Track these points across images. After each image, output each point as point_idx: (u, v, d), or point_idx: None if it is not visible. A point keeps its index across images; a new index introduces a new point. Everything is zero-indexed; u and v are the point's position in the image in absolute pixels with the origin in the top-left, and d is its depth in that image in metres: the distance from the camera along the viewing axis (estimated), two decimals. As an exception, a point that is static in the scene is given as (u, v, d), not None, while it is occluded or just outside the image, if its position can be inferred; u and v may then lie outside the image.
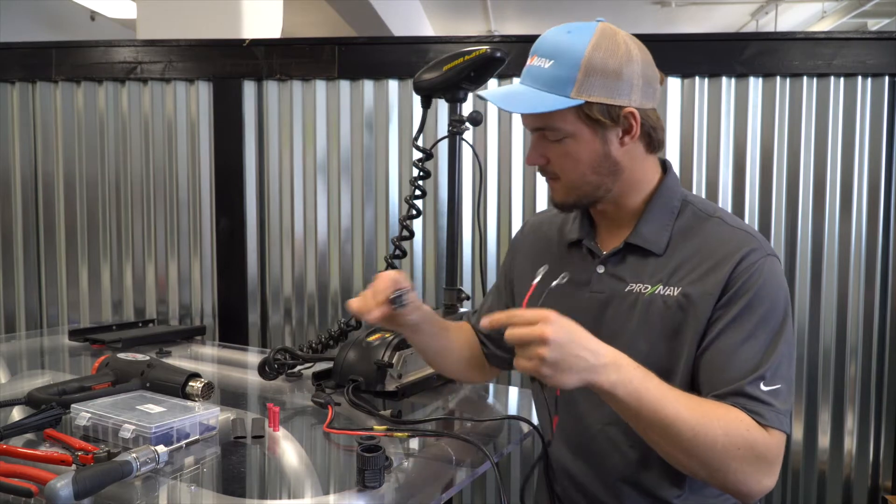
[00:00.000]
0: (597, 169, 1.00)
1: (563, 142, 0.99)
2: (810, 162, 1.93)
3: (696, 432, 0.87)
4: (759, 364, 0.92)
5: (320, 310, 2.15)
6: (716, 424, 0.88)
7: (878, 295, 1.92)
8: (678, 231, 1.03)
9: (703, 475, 0.90)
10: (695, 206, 1.05)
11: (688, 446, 0.87)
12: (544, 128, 1.00)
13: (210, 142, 2.17)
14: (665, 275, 1.01)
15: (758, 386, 0.91)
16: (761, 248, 0.98)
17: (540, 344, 0.82)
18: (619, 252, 1.05)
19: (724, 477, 0.89)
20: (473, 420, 1.27)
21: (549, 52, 0.98)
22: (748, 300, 0.94)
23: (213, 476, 0.99)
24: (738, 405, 0.90)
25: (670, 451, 0.89)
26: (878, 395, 1.94)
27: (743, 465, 0.88)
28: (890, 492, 1.95)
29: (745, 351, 0.93)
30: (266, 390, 1.45)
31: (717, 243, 0.99)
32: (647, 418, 0.87)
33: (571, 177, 1.01)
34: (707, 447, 0.87)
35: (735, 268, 0.96)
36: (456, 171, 1.64)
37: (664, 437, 0.88)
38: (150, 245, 2.21)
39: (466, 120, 1.57)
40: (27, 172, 2.25)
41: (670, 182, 1.07)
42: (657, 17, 7.21)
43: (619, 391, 0.85)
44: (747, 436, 0.88)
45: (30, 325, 2.27)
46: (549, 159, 1.02)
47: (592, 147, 0.99)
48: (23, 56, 2.22)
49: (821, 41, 1.89)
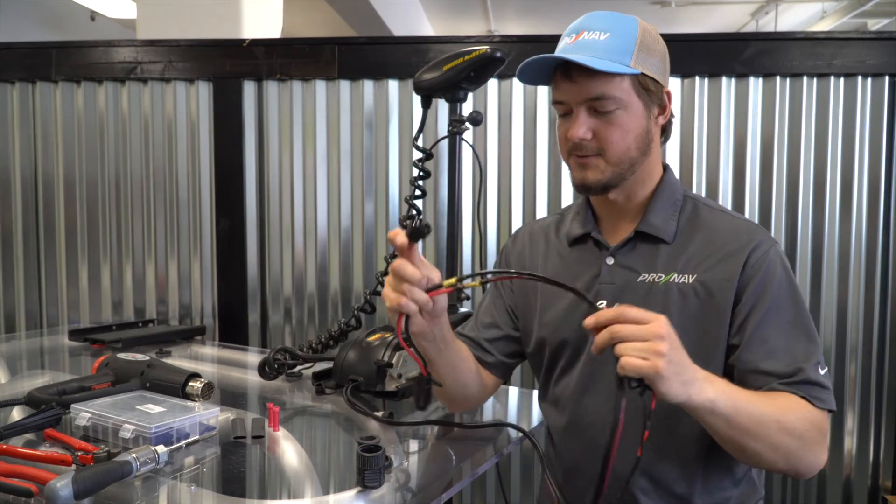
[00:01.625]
0: (639, 143, 1.03)
1: (615, 113, 1.00)
2: (810, 162, 1.93)
3: (780, 425, 0.90)
4: (811, 349, 0.97)
5: (320, 310, 2.15)
6: (791, 416, 0.91)
7: (878, 295, 1.92)
8: (684, 222, 1.06)
9: (782, 465, 0.92)
10: (696, 201, 1.09)
11: (775, 440, 0.89)
12: (600, 97, 0.99)
13: (210, 142, 2.17)
14: (678, 264, 1.03)
15: (818, 371, 0.96)
16: (768, 237, 1.03)
17: (658, 340, 0.79)
18: (628, 242, 1.07)
19: (798, 461, 0.92)
20: (465, 426, 1.22)
21: (603, 26, 1.01)
22: (777, 289, 0.99)
23: (213, 476, 0.99)
24: (801, 391, 0.94)
25: (758, 448, 0.90)
26: (878, 395, 1.94)
27: (814, 447, 0.93)
28: (890, 492, 1.95)
29: (794, 337, 0.97)
30: (266, 390, 1.45)
31: (725, 233, 1.03)
32: (741, 424, 0.88)
33: (618, 150, 1.01)
34: (789, 436, 0.90)
35: (749, 256, 1.00)
36: (456, 171, 1.64)
37: (755, 437, 0.89)
38: (150, 245, 2.21)
39: (466, 120, 1.57)
40: (27, 172, 2.25)
41: (671, 178, 1.11)
42: (657, 17, 7.20)
43: (718, 405, 0.85)
44: (812, 419, 0.93)
45: (30, 325, 2.27)
46: (594, 133, 1.01)
47: (640, 120, 1.02)
48: (23, 56, 2.22)
49: (821, 41, 1.89)
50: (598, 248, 1.10)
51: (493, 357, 1.18)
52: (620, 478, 1.04)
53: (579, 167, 1.04)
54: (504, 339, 1.19)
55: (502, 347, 1.19)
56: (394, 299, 0.89)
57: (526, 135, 2.03)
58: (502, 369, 1.20)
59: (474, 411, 1.37)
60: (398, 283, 0.89)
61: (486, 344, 1.18)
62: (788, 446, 0.90)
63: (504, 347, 1.19)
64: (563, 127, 1.05)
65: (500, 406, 1.47)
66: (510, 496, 2.07)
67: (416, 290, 0.88)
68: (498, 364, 1.19)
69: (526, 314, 1.18)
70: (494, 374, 1.19)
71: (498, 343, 1.19)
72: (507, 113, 2.03)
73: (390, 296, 0.90)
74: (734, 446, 0.91)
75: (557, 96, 1.04)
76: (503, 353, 1.19)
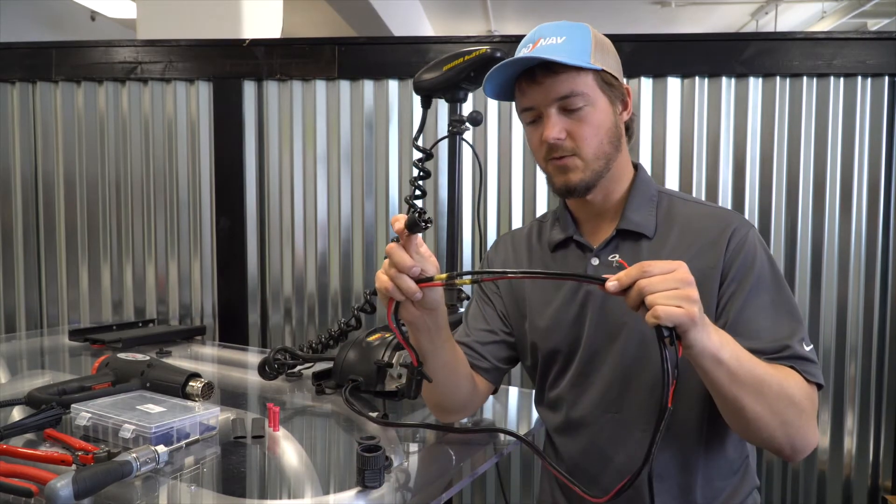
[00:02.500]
0: (611, 138, 1.05)
1: (583, 110, 1.02)
2: (810, 162, 1.93)
3: (781, 386, 0.90)
4: (795, 326, 0.98)
5: (320, 310, 2.15)
6: (791, 382, 0.92)
7: (878, 295, 1.92)
8: (662, 217, 1.08)
9: (780, 437, 0.91)
10: (671, 195, 1.11)
11: (775, 405, 0.89)
12: (569, 94, 1.01)
13: (210, 142, 2.17)
14: (661, 257, 1.03)
15: (803, 346, 0.96)
16: (744, 221, 1.05)
17: (688, 286, 0.79)
18: (611, 241, 1.08)
19: (796, 432, 0.91)
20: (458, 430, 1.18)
21: (557, 32, 1.03)
22: (759, 270, 1.00)
23: (213, 476, 0.99)
24: (790, 364, 0.94)
25: (759, 411, 0.89)
26: (878, 395, 1.94)
27: (811, 422, 0.93)
28: (890, 492, 1.95)
29: (778, 316, 0.98)
30: (266, 390, 1.45)
31: (702, 221, 1.05)
32: (743, 379, 0.87)
33: (592, 146, 1.03)
34: (788, 402, 0.90)
35: (729, 241, 1.01)
36: (456, 171, 1.64)
37: (756, 397, 0.88)
38: (150, 245, 2.21)
39: (466, 120, 1.57)
40: (27, 172, 2.25)
41: (645, 176, 1.13)
42: (657, 17, 7.20)
43: (724, 354, 0.85)
44: (806, 389, 0.93)
45: (30, 325, 2.27)
46: (567, 133, 1.03)
47: (607, 115, 1.04)
48: (23, 56, 2.22)
49: (821, 41, 1.89)
50: (581, 250, 1.11)
51: (487, 362, 1.17)
52: (623, 473, 1.04)
53: (559, 171, 1.06)
54: (499, 344, 1.19)
55: (496, 352, 1.18)
56: (382, 283, 0.91)
57: (526, 135, 2.03)
58: (495, 375, 1.19)
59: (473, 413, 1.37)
60: (389, 268, 0.90)
61: (480, 348, 1.17)
62: (787, 414, 0.90)
63: (498, 352, 1.19)
64: (535, 133, 1.07)
65: (501, 406, 1.47)
66: (510, 496, 2.07)
67: (405, 279, 0.89)
68: (492, 369, 1.18)
69: (517, 320, 1.18)
70: (487, 380, 1.18)
71: (492, 347, 1.18)
72: (507, 113, 2.04)
73: (381, 278, 0.91)
74: (734, 407, 0.89)
75: (525, 103, 1.06)
76: (497, 357, 1.18)
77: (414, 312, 0.94)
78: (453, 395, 1.11)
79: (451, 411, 1.16)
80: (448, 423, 1.18)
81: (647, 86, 1.97)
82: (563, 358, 1.12)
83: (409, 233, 0.89)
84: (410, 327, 0.97)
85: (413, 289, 0.89)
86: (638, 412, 1.04)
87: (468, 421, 1.27)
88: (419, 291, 0.90)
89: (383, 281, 0.90)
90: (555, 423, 1.15)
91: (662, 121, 1.96)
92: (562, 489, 1.16)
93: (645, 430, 1.03)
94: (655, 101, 1.97)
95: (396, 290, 0.90)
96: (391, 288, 0.90)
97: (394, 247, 0.90)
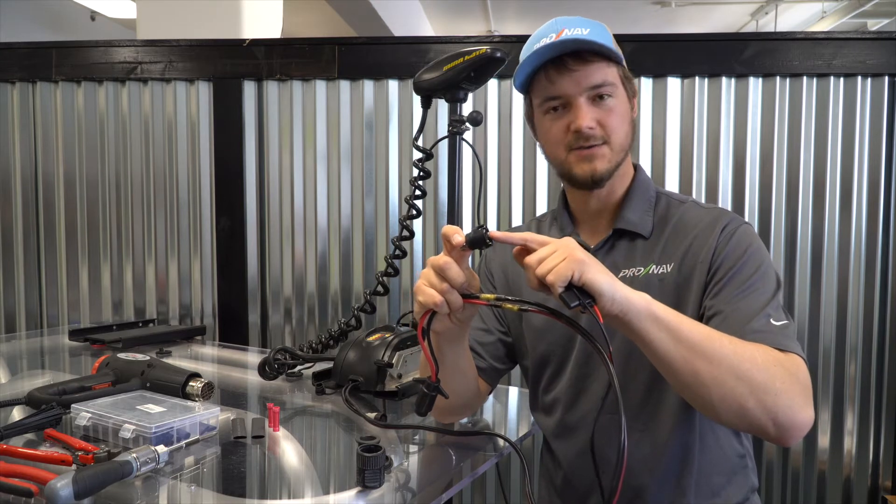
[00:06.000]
0: (630, 131, 1.07)
1: (609, 101, 1.04)
2: (810, 162, 1.93)
3: (735, 347, 0.85)
4: (764, 306, 0.94)
5: (320, 310, 2.15)
6: (749, 345, 0.87)
7: (878, 295, 1.92)
8: (658, 217, 1.09)
9: (753, 403, 0.83)
10: (668, 197, 1.12)
11: (734, 363, 0.83)
12: (602, 84, 1.02)
13: (210, 142, 2.17)
14: (655, 255, 1.05)
15: (768, 321, 0.92)
16: (738, 218, 1.06)
17: (567, 249, 0.81)
18: (608, 241, 1.09)
19: (774, 401, 0.83)
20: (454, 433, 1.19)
21: (580, 24, 1.04)
22: (742, 261, 0.99)
23: (213, 476, 0.99)
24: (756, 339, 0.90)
25: (718, 374, 0.83)
26: (878, 395, 1.94)
27: (786, 384, 0.84)
28: (890, 492, 1.95)
29: (750, 299, 0.95)
30: (266, 390, 1.45)
31: (697, 220, 1.06)
32: (687, 338, 0.83)
33: (619, 135, 1.05)
34: (750, 363, 0.84)
35: (720, 235, 1.01)
36: (456, 171, 1.64)
37: (709, 357, 0.83)
38: (151, 245, 2.21)
39: (466, 120, 1.56)
40: (27, 172, 2.25)
41: (644, 176, 1.14)
42: (657, 17, 7.20)
43: (656, 308, 0.83)
44: (777, 355, 0.87)
45: (30, 325, 2.27)
46: (597, 121, 1.04)
47: (627, 107, 1.07)
48: (23, 56, 2.22)
49: (821, 41, 1.89)
50: None
51: (485, 362, 1.18)
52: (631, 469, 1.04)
53: (584, 160, 1.04)
54: (496, 344, 1.19)
55: (494, 351, 1.19)
56: (430, 296, 0.87)
57: (526, 135, 2.03)
58: (493, 375, 1.20)
59: (473, 413, 1.37)
60: (439, 281, 0.87)
61: (479, 348, 1.18)
62: (752, 376, 0.83)
63: (495, 352, 1.19)
64: (558, 122, 1.05)
65: (501, 407, 1.47)
66: (510, 496, 2.07)
67: (456, 293, 0.87)
68: (490, 369, 1.19)
69: (514, 319, 1.19)
70: (485, 381, 1.18)
71: (490, 347, 1.19)
72: (507, 113, 2.03)
73: (427, 291, 0.88)
74: (690, 376, 0.84)
75: (553, 91, 1.04)
76: (495, 357, 1.19)
77: (447, 324, 0.92)
78: (459, 399, 1.11)
79: (453, 413, 1.17)
80: (448, 423, 1.19)
81: (647, 86, 1.97)
82: (556, 360, 1.12)
83: (470, 249, 0.88)
84: (437, 337, 0.95)
85: (460, 305, 0.88)
86: (636, 412, 1.04)
87: (468, 421, 1.27)
88: (464, 307, 0.89)
89: (430, 295, 0.87)
90: (551, 426, 1.15)
91: (662, 121, 1.96)
92: (559, 494, 1.16)
93: (643, 431, 1.04)
94: (655, 101, 1.97)
95: (445, 305, 0.87)
96: (440, 301, 0.87)
97: (448, 262, 0.87)
